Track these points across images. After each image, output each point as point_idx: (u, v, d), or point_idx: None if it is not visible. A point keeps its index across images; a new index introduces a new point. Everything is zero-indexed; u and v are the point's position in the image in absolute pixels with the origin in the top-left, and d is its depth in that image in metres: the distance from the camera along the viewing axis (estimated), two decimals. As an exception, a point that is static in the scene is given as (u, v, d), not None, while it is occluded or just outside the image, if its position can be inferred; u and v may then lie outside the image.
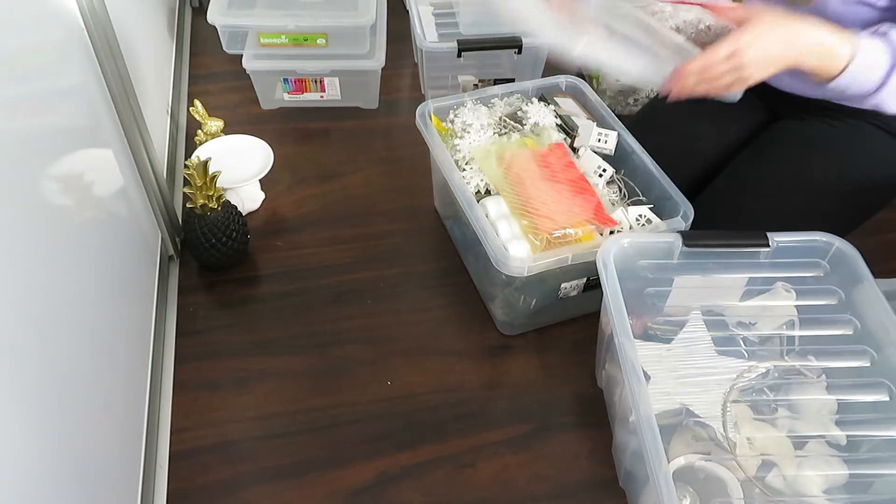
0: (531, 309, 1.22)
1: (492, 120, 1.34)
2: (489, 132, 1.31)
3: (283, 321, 1.27)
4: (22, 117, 0.78)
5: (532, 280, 1.12)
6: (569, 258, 1.09)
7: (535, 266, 1.08)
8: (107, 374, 0.94)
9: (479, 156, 1.27)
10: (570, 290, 1.20)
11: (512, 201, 1.20)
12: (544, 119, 1.34)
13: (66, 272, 0.83)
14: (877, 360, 0.99)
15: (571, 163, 1.26)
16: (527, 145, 1.29)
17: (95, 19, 1.02)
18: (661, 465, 0.83)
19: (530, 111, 1.35)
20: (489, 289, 1.27)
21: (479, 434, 1.13)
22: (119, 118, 1.13)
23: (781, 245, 1.07)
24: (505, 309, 1.24)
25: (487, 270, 1.17)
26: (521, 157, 1.26)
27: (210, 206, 1.25)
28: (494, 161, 1.26)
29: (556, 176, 1.24)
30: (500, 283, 1.19)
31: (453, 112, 1.34)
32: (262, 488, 1.05)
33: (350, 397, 1.16)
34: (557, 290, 1.19)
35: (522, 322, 1.26)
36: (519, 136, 1.31)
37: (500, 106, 1.38)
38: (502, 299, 1.23)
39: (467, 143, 1.29)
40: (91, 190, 0.98)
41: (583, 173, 1.25)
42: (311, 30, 1.58)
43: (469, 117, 1.32)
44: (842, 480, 0.95)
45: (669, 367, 1.02)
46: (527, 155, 1.27)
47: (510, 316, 1.25)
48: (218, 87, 1.76)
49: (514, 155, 1.27)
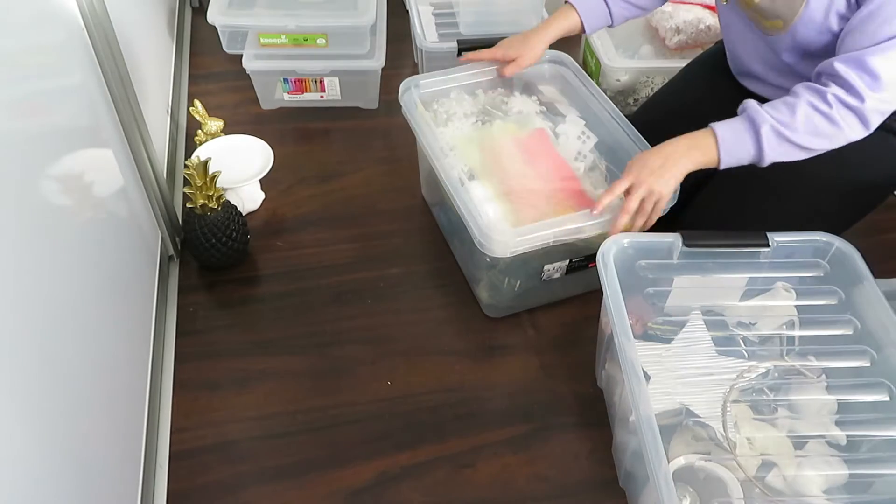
0: (515, 291, 1.23)
1: (475, 109, 1.35)
2: (472, 120, 1.32)
3: (283, 321, 1.27)
4: (22, 117, 0.78)
5: (515, 262, 1.13)
6: (551, 239, 1.10)
7: (517, 247, 1.08)
8: (107, 374, 0.94)
9: (461, 143, 1.28)
10: (553, 272, 1.21)
11: (495, 186, 1.21)
12: (527, 107, 1.35)
13: (66, 272, 0.83)
14: (877, 360, 0.99)
15: (552, 148, 1.27)
16: (508, 132, 1.30)
17: (95, 19, 1.02)
18: (661, 465, 0.83)
19: (512, 102, 1.35)
20: (474, 272, 1.28)
21: (478, 434, 1.13)
22: (119, 118, 1.13)
23: (781, 245, 1.07)
24: (490, 292, 1.25)
25: (472, 254, 1.18)
26: (503, 144, 1.27)
27: (210, 206, 1.25)
28: (477, 148, 1.27)
29: (538, 161, 1.25)
30: (484, 266, 1.20)
31: (437, 103, 1.34)
32: (262, 488, 1.05)
33: (350, 397, 1.16)
34: (541, 271, 1.20)
35: (508, 305, 1.27)
36: (501, 122, 1.32)
37: (483, 98, 1.38)
38: (487, 282, 1.24)
39: (450, 130, 1.29)
40: (91, 190, 0.98)
41: (564, 158, 1.26)
42: (311, 30, 1.58)
43: (453, 106, 1.33)
44: (842, 480, 0.95)
45: (669, 367, 1.02)
46: (508, 141, 1.28)
47: (495, 299, 1.26)
48: (218, 87, 1.76)
49: (496, 141, 1.28)
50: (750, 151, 1.03)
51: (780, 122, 1.01)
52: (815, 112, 1.00)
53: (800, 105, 1.00)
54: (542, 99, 1.38)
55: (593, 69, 1.72)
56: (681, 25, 1.68)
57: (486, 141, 1.28)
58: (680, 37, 1.68)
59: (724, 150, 1.04)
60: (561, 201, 1.20)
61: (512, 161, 1.25)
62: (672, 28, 1.68)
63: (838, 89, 0.99)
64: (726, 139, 1.03)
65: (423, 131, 1.24)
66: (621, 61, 1.65)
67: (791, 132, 1.01)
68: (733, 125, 1.04)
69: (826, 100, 0.99)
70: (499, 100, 1.38)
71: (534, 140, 1.29)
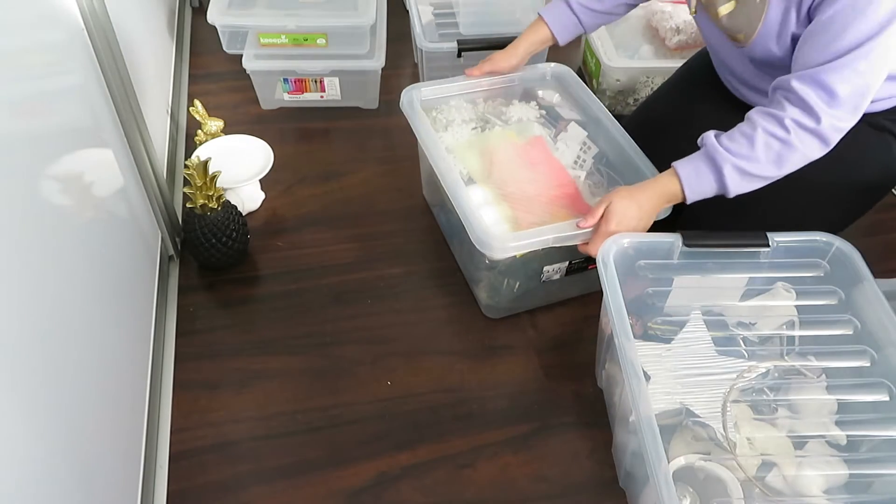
0: (515, 292, 1.23)
1: (474, 115, 1.36)
2: (471, 125, 1.33)
3: (283, 321, 1.27)
4: (22, 117, 0.78)
5: (515, 263, 1.14)
6: (548, 243, 1.10)
7: (514, 250, 1.09)
8: (107, 374, 0.94)
9: (460, 148, 1.28)
10: (552, 274, 1.21)
11: (493, 191, 1.22)
12: (526, 114, 1.36)
13: (66, 272, 0.83)
14: (877, 360, 0.99)
15: (551, 155, 1.28)
16: (507, 138, 1.31)
17: (95, 19, 1.02)
18: (661, 465, 0.83)
19: (512, 111, 1.36)
20: (474, 273, 1.28)
21: (478, 434, 1.13)
22: (119, 118, 1.13)
23: (781, 245, 1.07)
24: (489, 292, 1.25)
25: (472, 255, 1.19)
26: (502, 150, 1.28)
27: (210, 206, 1.25)
28: (476, 153, 1.28)
29: (536, 167, 1.26)
30: (483, 267, 1.20)
31: (436, 110, 1.35)
32: (262, 488, 1.05)
33: (350, 397, 1.16)
34: (540, 273, 1.20)
35: (507, 306, 1.27)
36: (500, 129, 1.33)
37: (483, 106, 1.39)
38: (487, 283, 1.24)
39: (450, 136, 1.30)
40: (91, 190, 0.98)
41: (563, 165, 1.27)
42: (311, 30, 1.58)
43: (452, 113, 1.33)
44: (842, 480, 0.95)
45: (669, 367, 1.02)
46: (507, 147, 1.29)
47: (494, 300, 1.26)
48: (218, 87, 1.76)
49: (495, 147, 1.28)
50: (714, 189, 1.04)
51: (741, 156, 1.01)
52: (774, 139, 0.99)
53: (758, 135, 1.00)
54: (542, 104, 1.38)
55: (593, 69, 1.72)
56: (681, 25, 1.68)
57: (485, 147, 1.29)
58: (680, 37, 1.68)
59: (688, 189, 1.04)
60: (559, 207, 1.20)
61: (510, 167, 1.25)
62: (672, 28, 1.69)
63: (794, 110, 0.98)
64: (690, 180, 1.04)
65: (424, 135, 1.25)
66: (621, 61, 1.65)
67: (752, 165, 1.01)
68: (696, 165, 1.04)
69: (784, 125, 0.99)
70: (498, 109, 1.39)
71: (532, 147, 1.29)
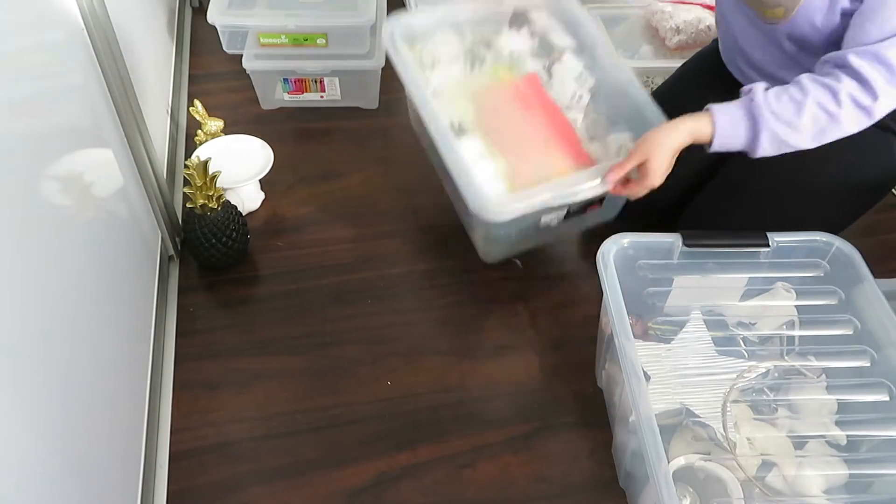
0: (511, 240, 1.22)
1: (462, 49, 1.28)
2: (460, 63, 1.26)
3: (283, 321, 1.27)
4: (22, 117, 0.78)
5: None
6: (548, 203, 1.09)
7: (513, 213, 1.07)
8: (107, 374, 0.94)
9: (450, 93, 1.22)
10: (550, 222, 1.20)
11: (487, 142, 1.17)
12: (518, 45, 1.28)
13: (66, 272, 0.83)
14: (877, 360, 0.99)
15: (546, 95, 1.22)
16: (499, 76, 1.24)
17: (95, 19, 1.02)
18: (661, 465, 0.83)
19: (502, 42, 1.28)
20: (468, 220, 1.25)
21: (478, 434, 1.13)
22: (119, 118, 1.13)
23: (781, 245, 1.07)
24: (485, 239, 1.24)
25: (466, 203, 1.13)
26: (494, 94, 1.22)
27: (210, 206, 1.25)
28: (467, 98, 1.22)
29: (531, 111, 1.20)
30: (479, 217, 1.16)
31: (421, 44, 1.27)
32: (262, 488, 1.05)
33: (350, 397, 1.16)
34: (538, 223, 1.19)
35: (504, 252, 1.28)
36: (491, 65, 1.25)
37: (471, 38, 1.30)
38: (482, 231, 1.23)
39: (438, 76, 1.23)
40: (91, 190, 0.98)
41: (559, 107, 1.22)
42: (311, 30, 1.58)
43: (439, 48, 1.25)
44: (842, 480, 0.95)
45: (669, 367, 1.02)
46: (499, 90, 1.23)
47: (491, 246, 1.26)
48: (218, 87, 1.75)
49: (487, 90, 1.22)
50: (742, 146, 1.02)
51: (784, 122, 0.97)
52: (823, 112, 0.97)
53: (807, 104, 0.97)
54: (534, 30, 1.29)
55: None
56: (681, 25, 1.68)
57: (476, 90, 1.22)
58: (680, 37, 1.68)
59: (718, 138, 1.02)
60: (557, 156, 1.15)
61: (504, 112, 1.19)
62: (672, 28, 1.69)
63: (852, 84, 0.95)
64: (724, 130, 1.01)
65: (410, 82, 1.18)
66: (621, 61, 1.65)
67: (792, 135, 0.98)
68: (734, 117, 1.01)
69: (837, 98, 0.96)
70: (488, 38, 1.30)
71: (526, 86, 1.22)
